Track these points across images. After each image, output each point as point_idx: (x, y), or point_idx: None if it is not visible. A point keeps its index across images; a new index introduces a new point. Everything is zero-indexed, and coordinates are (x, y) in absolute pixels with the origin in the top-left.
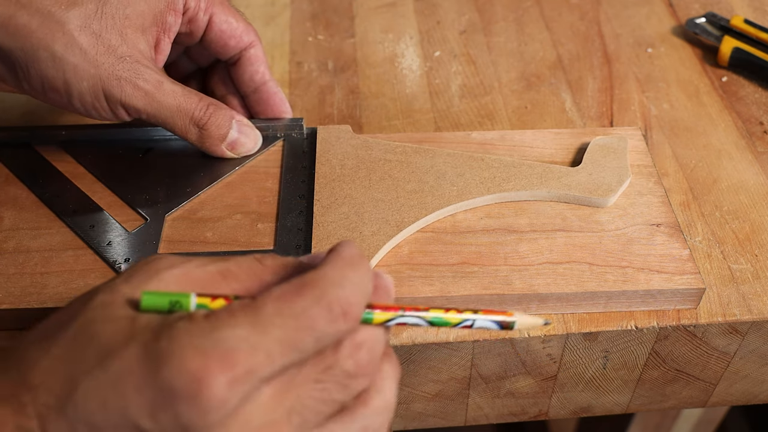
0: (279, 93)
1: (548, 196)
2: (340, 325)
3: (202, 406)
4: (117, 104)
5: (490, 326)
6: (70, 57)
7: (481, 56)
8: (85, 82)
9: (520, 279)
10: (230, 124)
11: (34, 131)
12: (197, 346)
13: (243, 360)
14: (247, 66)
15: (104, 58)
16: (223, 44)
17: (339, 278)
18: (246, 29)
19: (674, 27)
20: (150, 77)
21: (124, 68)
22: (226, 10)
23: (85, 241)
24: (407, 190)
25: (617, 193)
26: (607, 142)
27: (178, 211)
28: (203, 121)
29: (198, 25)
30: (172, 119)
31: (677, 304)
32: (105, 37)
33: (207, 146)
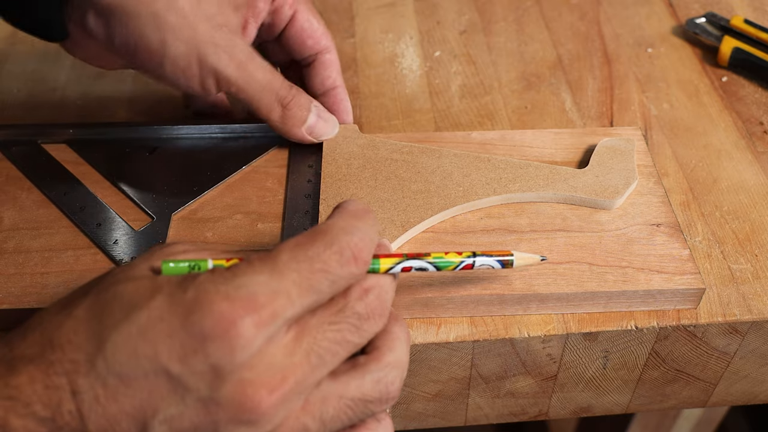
0: (345, 101)
1: (554, 197)
2: (352, 268)
3: (231, 345)
4: (209, 72)
5: (491, 264)
6: (170, 17)
7: (481, 56)
8: (182, 45)
9: (520, 279)
10: (310, 108)
11: (41, 129)
12: (223, 292)
13: (266, 302)
14: (320, 69)
15: (203, 24)
16: (302, 42)
17: (348, 226)
18: (325, 33)
19: (674, 27)
20: (244, 48)
21: (221, 36)
22: (310, 9)
23: (92, 240)
24: (413, 190)
25: (624, 196)
26: (614, 144)
27: (181, 211)
28: (287, 100)
29: (281, 17)
30: (260, 94)
31: (677, 304)
32: (204, 5)
33: (288, 127)
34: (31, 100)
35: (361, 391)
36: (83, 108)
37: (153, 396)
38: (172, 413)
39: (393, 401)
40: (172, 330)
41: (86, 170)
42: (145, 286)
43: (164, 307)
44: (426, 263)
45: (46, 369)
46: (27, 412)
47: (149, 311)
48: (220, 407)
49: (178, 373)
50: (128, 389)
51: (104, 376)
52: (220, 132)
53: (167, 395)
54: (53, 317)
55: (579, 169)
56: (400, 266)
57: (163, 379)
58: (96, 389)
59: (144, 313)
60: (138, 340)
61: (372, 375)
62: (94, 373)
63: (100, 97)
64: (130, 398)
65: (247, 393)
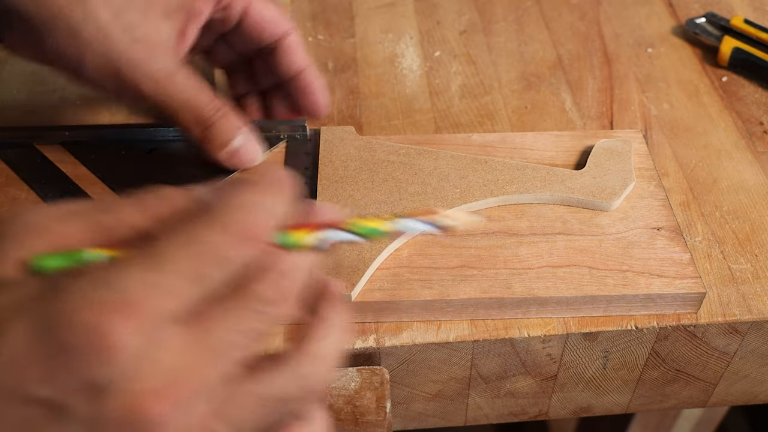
0: (316, 82)
1: (551, 199)
2: (247, 249)
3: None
4: (126, 85)
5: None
6: (86, 30)
7: (481, 56)
8: (98, 58)
9: (519, 282)
10: (236, 134)
11: (36, 131)
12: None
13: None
14: (284, 54)
15: (120, 37)
16: (259, 32)
17: (240, 201)
18: (282, 17)
19: (674, 27)
20: (163, 65)
21: (138, 50)
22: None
23: None
24: (410, 192)
25: (621, 197)
26: (611, 145)
27: None
28: (208, 123)
29: (233, 12)
30: (178, 112)
31: (678, 308)
32: (125, 16)
33: (207, 148)
34: (30, 101)
35: (278, 388)
36: (83, 109)
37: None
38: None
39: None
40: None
41: (82, 172)
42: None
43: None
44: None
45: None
46: None
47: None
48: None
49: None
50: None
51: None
52: None
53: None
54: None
55: (577, 170)
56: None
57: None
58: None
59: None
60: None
61: (292, 370)
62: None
63: (99, 99)
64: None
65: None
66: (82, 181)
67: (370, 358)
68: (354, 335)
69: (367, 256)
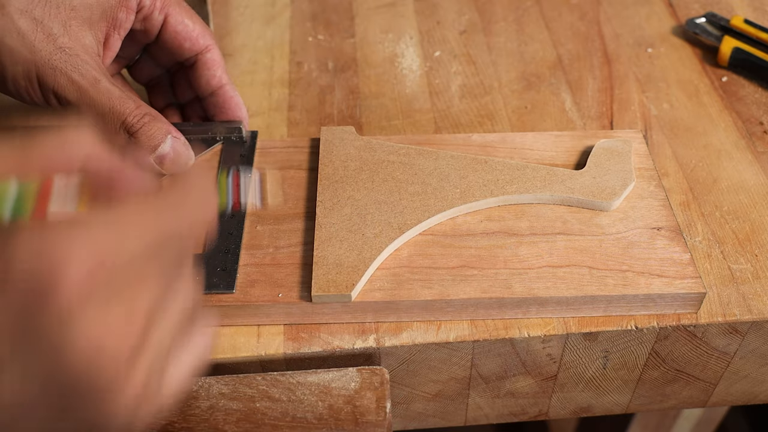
0: (236, 97)
1: (551, 199)
2: None
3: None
4: (50, 92)
5: None
6: (6, 39)
7: (481, 56)
8: (20, 66)
9: (519, 282)
10: (164, 138)
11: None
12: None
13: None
14: (203, 70)
15: (42, 45)
16: (179, 45)
17: None
18: (202, 32)
19: (674, 27)
20: (87, 73)
21: (60, 58)
22: (182, 11)
23: None
24: (410, 192)
25: (621, 197)
26: (611, 145)
27: None
28: (135, 129)
29: (152, 23)
30: (102, 119)
31: (678, 308)
32: (46, 25)
33: (135, 155)
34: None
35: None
36: None
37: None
38: None
39: None
40: None
41: None
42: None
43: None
44: None
45: None
46: None
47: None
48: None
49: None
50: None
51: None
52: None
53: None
54: None
55: (577, 170)
56: None
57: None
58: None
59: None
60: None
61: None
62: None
63: None
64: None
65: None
66: None
67: (370, 358)
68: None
69: (367, 256)
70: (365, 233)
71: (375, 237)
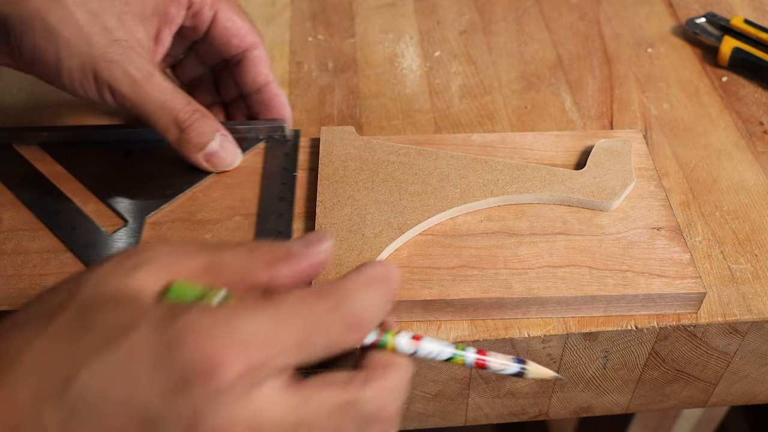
0: (281, 96)
1: (551, 199)
2: (351, 335)
3: (215, 388)
4: (104, 86)
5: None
6: (63, 30)
7: (481, 56)
8: (76, 59)
9: (519, 282)
10: (213, 136)
11: (14, 132)
12: (214, 331)
13: (259, 350)
14: (249, 67)
15: (98, 38)
16: (227, 42)
17: (359, 294)
18: (250, 30)
19: (674, 27)
20: (141, 66)
21: (116, 51)
22: (231, 7)
23: (66, 244)
24: (410, 192)
25: (621, 197)
26: (611, 145)
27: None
28: (185, 125)
29: (202, 19)
30: (155, 114)
31: (678, 308)
32: (102, 18)
33: (184, 151)
34: (30, 101)
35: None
36: (83, 108)
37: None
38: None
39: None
40: (155, 364)
41: (60, 173)
42: (128, 312)
43: (149, 339)
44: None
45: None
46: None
47: (132, 343)
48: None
49: (155, 412)
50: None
51: (75, 404)
52: None
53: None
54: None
55: (577, 170)
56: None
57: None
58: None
59: (126, 344)
60: (117, 371)
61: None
62: (64, 400)
63: None
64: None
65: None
66: (59, 181)
67: None
68: None
69: (367, 256)
70: (365, 233)
71: (375, 237)
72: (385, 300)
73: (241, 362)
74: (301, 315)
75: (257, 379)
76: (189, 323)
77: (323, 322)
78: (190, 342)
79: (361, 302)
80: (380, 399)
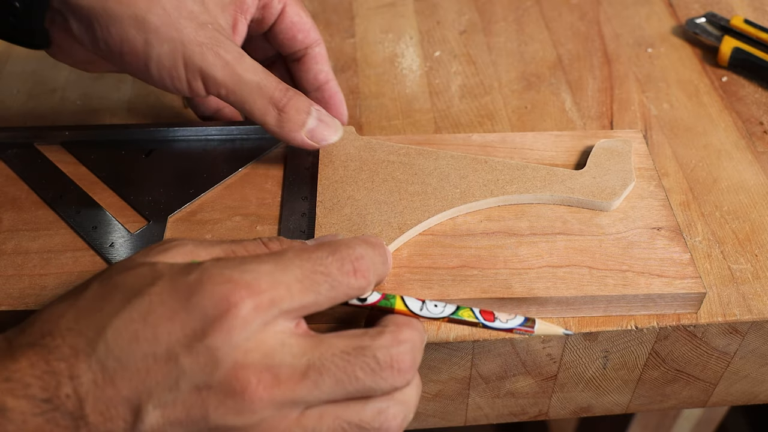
0: (339, 94)
1: (551, 199)
2: (351, 278)
3: (229, 326)
4: (195, 72)
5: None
6: (152, 18)
7: (481, 56)
8: (166, 45)
9: (519, 282)
10: (309, 111)
11: (36, 131)
12: (227, 275)
13: (267, 289)
14: (312, 64)
15: (186, 23)
16: (292, 37)
17: (352, 244)
18: (313, 26)
19: (674, 27)
20: (231, 48)
21: (206, 35)
22: (298, 2)
23: (88, 243)
24: (410, 192)
25: (621, 197)
26: (611, 145)
27: (178, 213)
28: (282, 103)
29: (271, 12)
30: (252, 96)
31: (678, 308)
32: (187, 5)
33: (286, 131)
34: (30, 101)
35: (359, 416)
36: (83, 109)
37: (149, 380)
38: (166, 399)
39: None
40: (173, 312)
41: (82, 172)
42: (146, 273)
43: (165, 291)
44: (451, 311)
45: (46, 355)
46: (24, 394)
47: (150, 296)
48: (211, 391)
49: (176, 354)
50: (126, 372)
51: (103, 361)
52: (217, 134)
53: (162, 380)
54: (54, 308)
55: (577, 170)
56: (420, 307)
57: (161, 362)
58: (95, 373)
59: (146, 298)
60: (139, 324)
61: (375, 403)
62: (94, 358)
63: (100, 98)
64: (128, 381)
65: (239, 377)
66: (82, 181)
67: None
68: None
69: None
70: (365, 233)
71: None
72: (381, 259)
73: (251, 301)
74: (303, 259)
75: (267, 317)
76: (203, 272)
77: (323, 263)
78: (205, 287)
79: (356, 250)
80: (392, 348)
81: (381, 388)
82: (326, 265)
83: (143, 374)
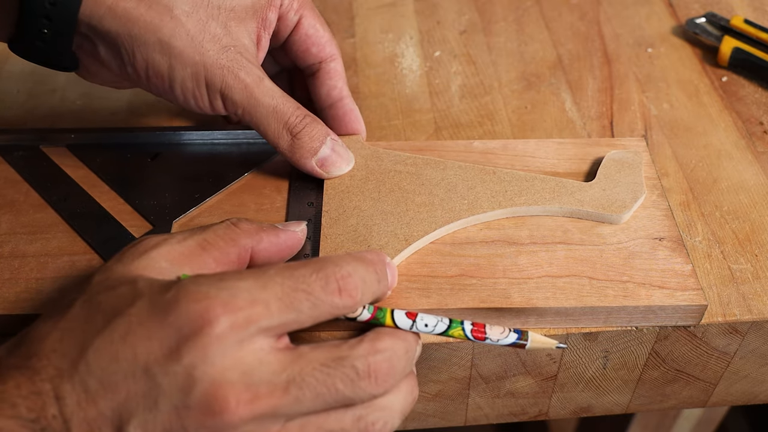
0: (355, 110)
1: (560, 211)
2: (335, 297)
3: (204, 343)
4: (216, 93)
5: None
6: (176, 42)
7: (481, 56)
8: (189, 68)
9: (518, 292)
10: (324, 140)
11: (42, 133)
12: (202, 292)
13: (244, 306)
14: (325, 79)
15: (210, 45)
16: (306, 50)
17: (341, 262)
18: (330, 40)
19: (674, 27)
20: (251, 71)
21: (227, 57)
22: (315, 15)
23: (91, 246)
24: (417, 203)
25: (631, 210)
26: (621, 156)
27: (183, 218)
28: (297, 129)
29: (286, 24)
30: (267, 120)
31: (678, 320)
32: (210, 26)
33: (297, 158)
34: (30, 101)
35: (340, 424)
36: (83, 109)
37: (129, 400)
38: (146, 418)
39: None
40: (150, 332)
41: (87, 175)
42: (126, 293)
43: (144, 310)
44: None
45: (32, 375)
46: (12, 414)
47: (130, 317)
48: (190, 411)
49: (154, 374)
50: (107, 393)
51: (86, 381)
52: (223, 138)
53: (142, 400)
54: (40, 328)
55: (585, 181)
56: (410, 325)
57: (141, 382)
58: (78, 394)
59: (125, 318)
60: (119, 344)
61: (354, 411)
62: (77, 378)
63: (100, 98)
64: (109, 401)
65: (217, 396)
66: (86, 184)
67: None
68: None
69: None
70: (371, 245)
71: (381, 249)
72: (375, 277)
73: (225, 318)
74: (284, 276)
75: (244, 335)
76: (179, 289)
77: (306, 281)
78: (181, 305)
79: (344, 268)
80: (370, 357)
81: (359, 397)
82: (309, 283)
83: (123, 394)
